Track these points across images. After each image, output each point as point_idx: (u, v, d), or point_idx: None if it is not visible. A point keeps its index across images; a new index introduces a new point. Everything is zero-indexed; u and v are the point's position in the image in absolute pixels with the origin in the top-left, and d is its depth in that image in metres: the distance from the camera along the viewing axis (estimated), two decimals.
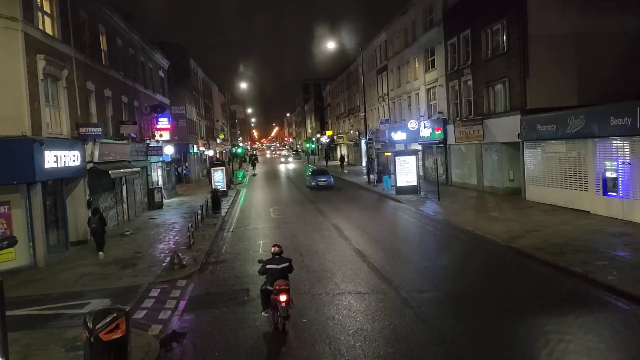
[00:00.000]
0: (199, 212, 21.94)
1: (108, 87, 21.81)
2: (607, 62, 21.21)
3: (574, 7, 21.64)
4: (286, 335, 8.93)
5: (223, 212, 25.35)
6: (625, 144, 16.36)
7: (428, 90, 34.19)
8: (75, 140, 17.51)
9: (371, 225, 19.57)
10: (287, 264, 9.59)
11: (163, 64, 35.44)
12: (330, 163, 68.10)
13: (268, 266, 9.52)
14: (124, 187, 23.53)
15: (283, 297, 8.87)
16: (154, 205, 27.55)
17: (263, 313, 9.66)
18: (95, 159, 18.96)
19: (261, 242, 17.62)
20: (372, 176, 36.39)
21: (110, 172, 19.47)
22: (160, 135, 29.60)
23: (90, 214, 16.78)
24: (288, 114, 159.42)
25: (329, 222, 20.83)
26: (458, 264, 13.59)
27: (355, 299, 10.74)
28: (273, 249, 9.81)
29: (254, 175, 56.29)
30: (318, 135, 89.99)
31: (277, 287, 9.01)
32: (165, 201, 29.53)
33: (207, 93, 63.69)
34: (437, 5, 31.69)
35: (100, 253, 16.07)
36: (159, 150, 28.76)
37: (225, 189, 32.48)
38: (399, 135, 36.72)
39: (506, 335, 8.50)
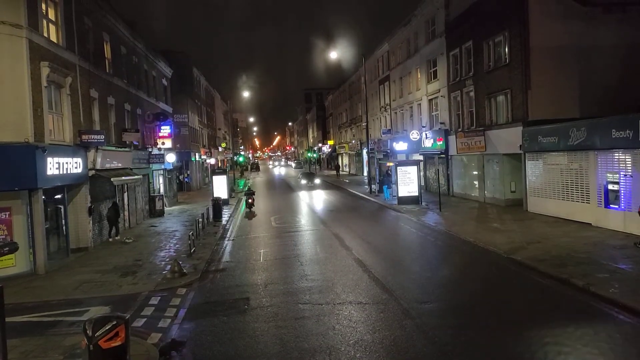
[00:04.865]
0: (200, 220, 21.94)
1: (111, 94, 21.92)
2: (608, 74, 21.31)
3: (576, 19, 21.78)
4: (253, 213, 27.66)
5: (224, 220, 25.34)
6: (627, 157, 16.36)
7: (430, 101, 34.28)
8: (78, 147, 17.56)
9: (372, 235, 19.54)
10: (253, 192, 30.16)
11: (166, 72, 35.62)
12: (325, 172, 70.71)
13: (246, 193, 30.27)
14: (125, 194, 23.56)
15: (250, 200, 28.65)
16: (155, 213, 27.58)
17: (246, 209, 28.60)
18: (98, 166, 19.00)
19: (262, 250, 17.59)
20: (373, 186, 36.37)
21: (112, 179, 19.53)
22: (163, 143, 29.73)
23: (108, 206, 20.46)
24: (290, 123, 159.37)
25: (330, 231, 20.80)
26: (459, 274, 13.54)
27: (356, 309, 10.69)
28: (247, 188, 33.09)
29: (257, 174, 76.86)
30: (320, 145, 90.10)
31: (249, 197, 28.88)
32: (166, 209, 29.55)
33: (210, 101, 63.90)
34: (439, 17, 31.88)
35: (114, 237, 20.00)
36: (161, 158, 28.84)
37: (226, 198, 32.50)
38: (400, 146, 36.78)
39: (507, 346, 8.45)
